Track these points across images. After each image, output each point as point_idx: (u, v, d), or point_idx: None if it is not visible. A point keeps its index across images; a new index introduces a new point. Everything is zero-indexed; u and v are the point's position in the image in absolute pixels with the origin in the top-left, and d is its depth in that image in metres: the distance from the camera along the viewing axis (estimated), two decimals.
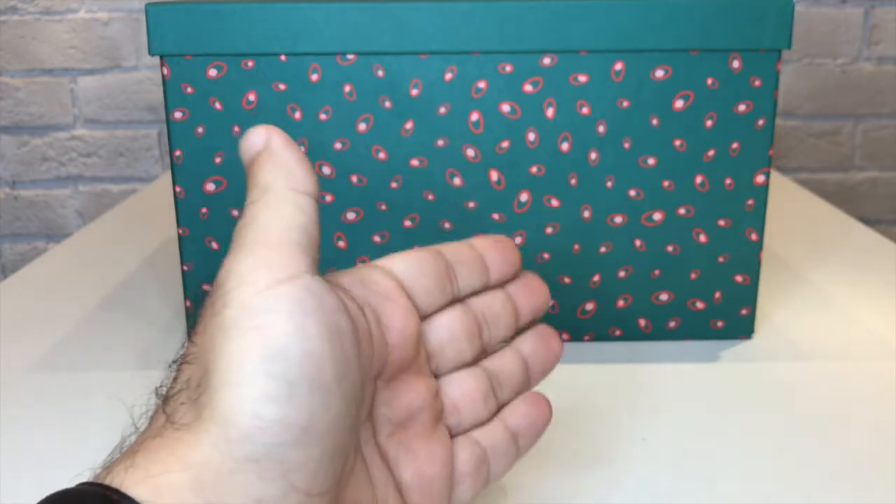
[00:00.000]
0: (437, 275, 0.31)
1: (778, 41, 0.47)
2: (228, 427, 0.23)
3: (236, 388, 0.23)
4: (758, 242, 0.51)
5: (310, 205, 0.27)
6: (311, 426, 0.24)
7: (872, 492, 0.38)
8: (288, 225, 0.26)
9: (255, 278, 0.25)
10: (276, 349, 0.24)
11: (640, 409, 0.45)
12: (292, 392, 0.23)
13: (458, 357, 0.31)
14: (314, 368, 0.24)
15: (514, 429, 0.32)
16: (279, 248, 0.25)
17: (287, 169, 0.27)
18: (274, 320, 0.24)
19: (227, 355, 0.24)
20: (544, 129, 0.48)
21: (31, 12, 1.26)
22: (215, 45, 0.47)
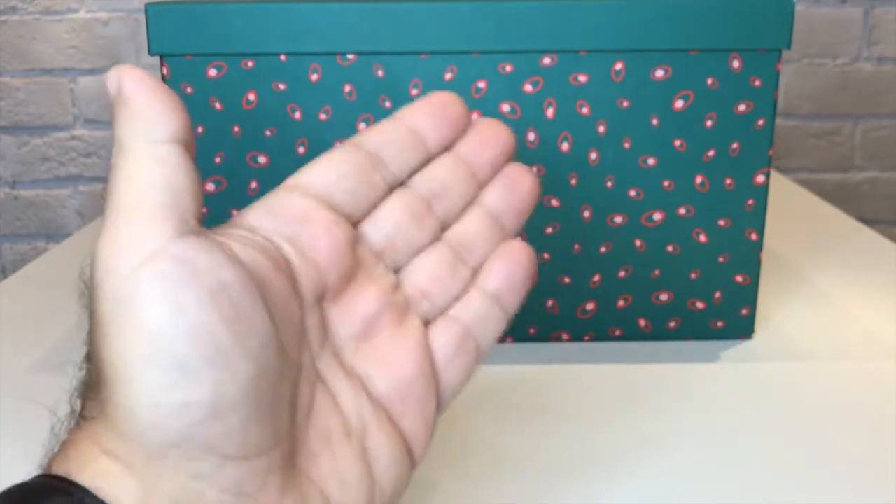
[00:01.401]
0: (359, 170, 0.28)
1: (778, 41, 0.47)
2: (132, 421, 0.22)
3: (127, 385, 0.22)
4: (758, 242, 0.51)
5: (171, 153, 0.24)
6: (217, 399, 0.22)
7: (872, 492, 0.38)
8: (144, 187, 0.23)
9: (117, 264, 0.23)
10: (155, 336, 0.22)
11: (640, 409, 0.45)
12: (185, 373, 0.22)
13: (412, 243, 0.29)
14: (203, 341, 0.22)
15: (493, 290, 0.30)
16: (137, 219, 0.23)
17: (141, 115, 0.24)
18: (144, 306, 0.22)
19: (109, 353, 0.23)
20: (544, 129, 0.48)
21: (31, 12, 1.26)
22: (215, 44, 0.47)
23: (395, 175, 0.29)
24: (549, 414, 0.44)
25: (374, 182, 0.29)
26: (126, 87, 0.24)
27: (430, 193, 0.29)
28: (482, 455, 0.40)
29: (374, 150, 0.29)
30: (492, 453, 0.41)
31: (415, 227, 0.29)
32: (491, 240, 0.30)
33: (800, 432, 0.42)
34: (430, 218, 0.30)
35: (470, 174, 0.30)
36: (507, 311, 0.30)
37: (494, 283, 0.30)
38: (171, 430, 0.22)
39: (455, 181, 0.30)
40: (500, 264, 0.30)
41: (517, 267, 0.30)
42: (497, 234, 0.30)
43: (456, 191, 0.30)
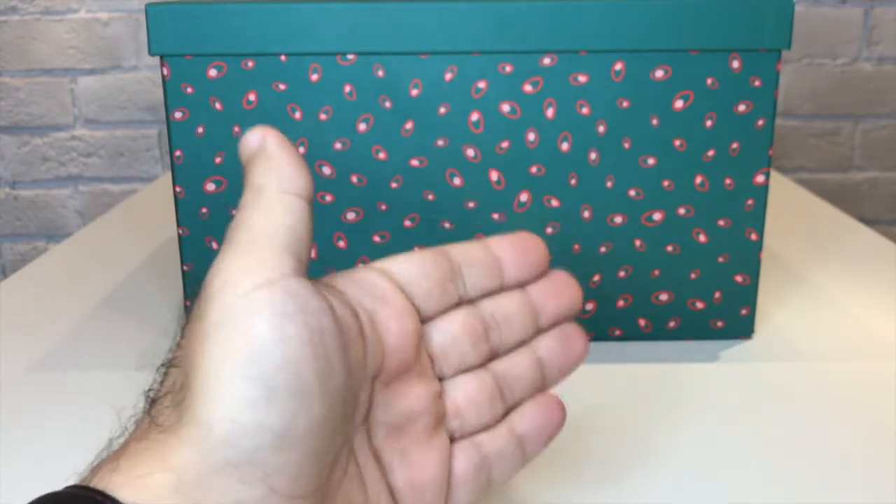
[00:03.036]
0: (440, 276, 0.30)
1: (778, 41, 0.47)
2: (207, 430, 0.23)
3: (214, 392, 0.23)
4: (757, 242, 0.51)
5: (300, 206, 0.27)
6: (289, 430, 0.24)
7: (872, 492, 0.38)
8: (275, 227, 0.26)
9: (237, 281, 0.25)
10: (255, 353, 0.24)
11: (640, 409, 0.45)
12: (270, 396, 0.23)
13: (461, 360, 0.31)
14: (293, 371, 0.24)
15: (521, 433, 0.31)
16: (264, 250, 0.25)
17: (279, 170, 0.27)
18: (253, 324, 0.24)
19: (206, 359, 0.24)
20: (544, 129, 0.48)
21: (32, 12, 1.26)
22: (215, 45, 0.47)
23: (467, 293, 0.31)
24: None
25: (449, 292, 0.30)
26: (270, 144, 0.27)
27: (492, 320, 0.31)
28: None
29: (458, 263, 0.31)
30: None
31: (469, 346, 0.31)
32: (532, 385, 0.32)
33: (800, 432, 0.42)
34: (485, 343, 0.31)
35: (532, 317, 0.32)
36: (527, 458, 0.32)
37: (525, 427, 0.31)
38: (239, 449, 0.23)
39: (517, 317, 0.31)
40: (534, 411, 0.31)
41: (550, 419, 0.32)
42: (538, 382, 0.32)
43: (515, 326, 0.31)
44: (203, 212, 0.50)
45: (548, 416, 0.32)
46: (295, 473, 0.24)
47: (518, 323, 0.31)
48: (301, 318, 0.24)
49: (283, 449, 0.24)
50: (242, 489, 0.23)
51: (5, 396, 0.46)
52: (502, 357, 0.32)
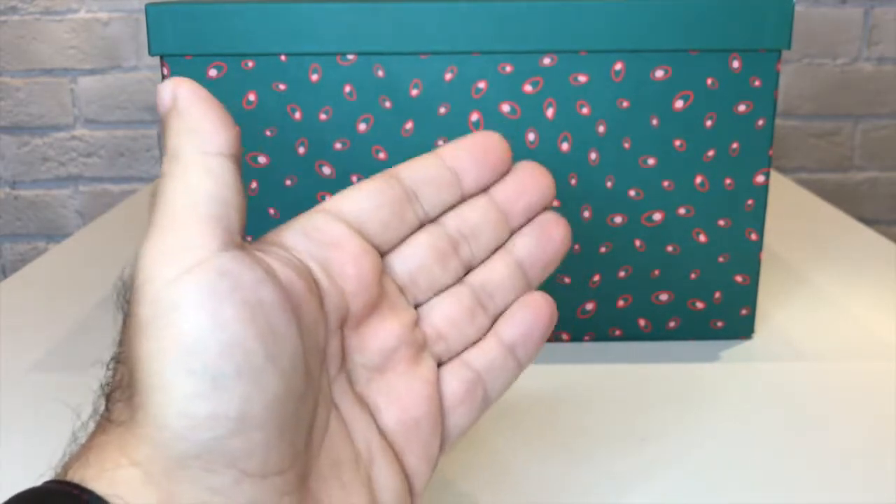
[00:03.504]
0: (393, 203, 0.28)
1: (778, 41, 0.47)
2: (160, 429, 0.23)
3: (159, 391, 0.23)
4: (757, 242, 0.51)
5: (221, 166, 0.24)
6: (245, 414, 0.23)
7: (872, 492, 0.38)
8: (195, 196, 0.24)
9: (161, 269, 0.23)
10: (192, 344, 0.22)
11: (640, 409, 0.45)
12: (217, 385, 0.22)
13: (433, 283, 0.29)
14: (237, 355, 0.23)
15: (510, 340, 0.30)
16: (186, 228, 0.23)
17: (194, 128, 0.24)
18: (185, 314, 0.22)
19: (145, 358, 0.23)
20: (544, 129, 0.48)
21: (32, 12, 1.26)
22: (215, 45, 0.47)
23: (427, 213, 0.29)
24: (549, 414, 0.44)
25: (407, 217, 0.29)
26: (182, 99, 0.24)
27: (458, 234, 0.30)
28: (481, 455, 0.40)
29: (411, 185, 0.29)
30: (490, 453, 0.41)
31: (438, 267, 0.29)
32: (513, 288, 0.30)
33: (800, 432, 0.42)
34: (455, 259, 0.30)
35: (502, 219, 0.30)
36: (521, 363, 0.30)
37: (512, 333, 0.30)
38: (197, 441, 0.22)
39: (486, 225, 0.30)
40: (520, 315, 0.30)
41: (537, 319, 0.30)
42: (521, 284, 0.30)
43: (485, 235, 0.30)
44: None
45: (534, 316, 0.30)
46: (263, 454, 0.23)
47: (487, 230, 0.30)
48: (236, 297, 0.23)
49: (243, 433, 0.23)
50: (211, 477, 0.23)
51: (5, 396, 0.46)
52: (478, 268, 0.30)
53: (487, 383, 0.30)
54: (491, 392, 0.30)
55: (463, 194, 0.30)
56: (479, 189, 0.30)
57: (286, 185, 0.49)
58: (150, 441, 0.23)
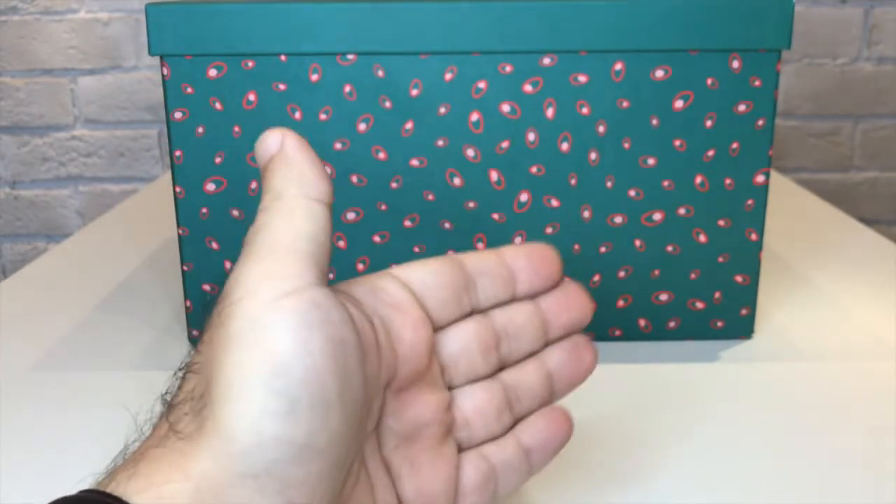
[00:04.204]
0: (455, 286, 0.30)
1: (778, 41, 0.47)
2: (228, 442, 0.23)
3: (237, 402, 0.23)
4: (757, 242, 0.51)
5: (322, 212, 0.26)
6: (310, 443, 0.24)
7: (872, 492, 0.38)
8: (297, 234, 0.26)
9: (260, 290, 0.24)
10: (279, 365, 0.23)
11: (640, 409, 0.45)
12: (293, 408, 0.23)
13: (471, 370, 0.31)
14: (316, 384, 0.24)
15: (528, 444, 0.31)
16: (287, 258, 0.25)
17: (300, 174, 0.27)
18: (278, 335, 0.24)
19: (229, 368, 0.24)
20: (544, 129, 0.48)
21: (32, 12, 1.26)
22: (215, 45, 0.47)
23: (480, 302, 0.31)
24: None
25: (463, 302, 0.30)
26: (289, 147, 0.27)
27: (503, 331, 0.31)
28: None
29: (473, 273, 0.31)
30: None
31: (480, 356, 0.30)
32: (540, 397, 0.32)
33: (799, 432, 0.42)
34: (495, 354, 0.31)
35: (542, 329, 0.32)
36: (533, 470, 0.32)
37: (531, 440, 0.31)
38: (259, 461, 0.23)
39: (528, 329, 0.31)
40: (542, 424, 0.31)
41: (557, 433, 0.31)
42: (546, 394, 0.32)
43: (525, 338, 0.31)
44: (203, 212, 0.50)
45: (555, 429, 0.32)
46: (314, 486, 0.24)
47: (528, 335, 0.31)
48: (324, 330, 0.24)
49: (304, 462, 0.24)
50: (261, 500, 0.23)
51: (5, 396, 0.46)
52: (511, 368, 0.31)
53: (500, 479, 0.31)
54: (501, 489, 0.31)
55: (514, 295, 0.31)
56: (529, 294, 0.32)
57: None
58: (213, 454, 0.23)
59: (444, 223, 0.50)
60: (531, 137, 0.49)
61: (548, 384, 0.32)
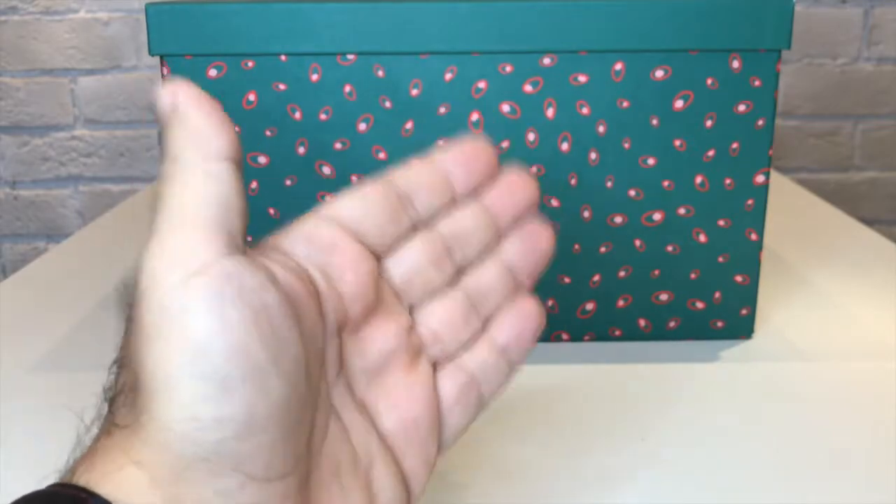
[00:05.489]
0: (389, 207, 0.29)
1: (778, 41, 0.47)
2: (166, 431, 0.23)
3: (166, 394, 0.23)
4: (757, 242, 0.51)
5: (224, 171, 0.24)
6: (251, 415, 0.23)
7: (872, 492, 0.38)
8: (198, 202, 0.24)
9: (166, 275, 0.23)
10: (199, 349, 0.23)
11: (640, 409, 0.45)
12: (224, 387, 0.23)
13: (428, 285, 0.30)
14: (242, 357, 0.23)
15: (502, 342, 0.30)
16: (189, 232, 0.24)
17: (196, 133, 0.24)
18: (192, 318, 0.23)
19: (151, 361, 0.23)
20: (544, 129, 0.48)
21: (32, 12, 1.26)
22: (215, 45, 0.47)
23: (420, 216, 0.30)
24: (549, 414, 0.44)
25: (401, 220, 0.29)
26: (182, 103, 0.24)
27: (451, 238, 0.30)
28: (480, 454, 0.41)
29: (405, 189, 0.29)
30: (491, 453, 0.41)
31: (433, 270, 0.30)
32: (504, 291, 0.31)
33: (799, 432, 0.42)
34: (448, 262, 0.30)
35: (492, 224, 0.30)
36: (514, 366, 0.31)
37: (504, 337, 0.30)
38: (204, 444, 0.23)
39: (477, 229, 0.30)
40: (511, 319, 0.30)
41: (528, 323, 0.31)
42: (510, 287, 0.31)
43: (476, 238, 0.30)
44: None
45: (525, 321, 0.31)
46: (268, 457, 0.23)
47: (478, 234, 0.30)
48: (240, 301, 0.23)
49: (249, 436, 0.23)
50: (217, 480, 0.23)
51: (5, 396, 0.46)
52: (469, 271, 0.31)
53: (482, 385, 0.30)
54: (485, 394, 0.30)
55: (454, 199, 0.30)
56: (469, 194, 0.30)
57: (286, 186, 0.49)
58: (155, 444, 0.23)
59: None
60: (531, 137, 0.49)
61: (509, 277, 0.31)
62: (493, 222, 0.30)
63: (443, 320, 0.30)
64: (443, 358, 0.30)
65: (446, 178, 0.30)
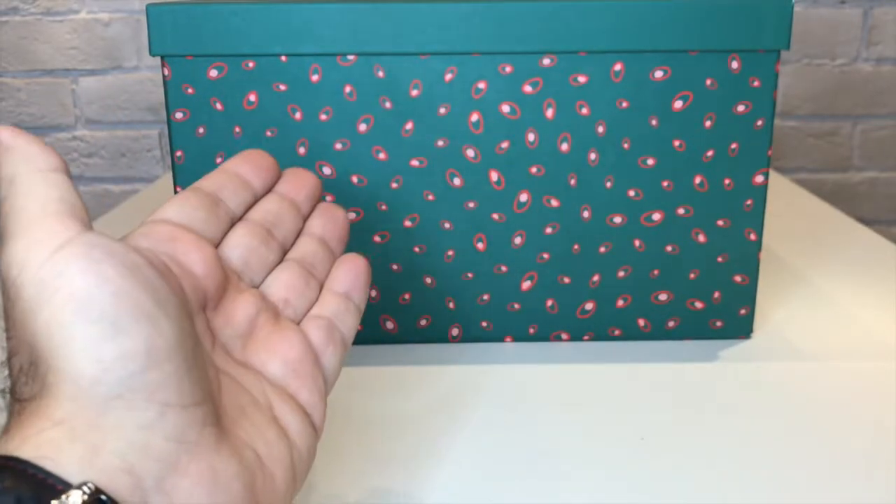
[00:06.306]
0: (206, 205, 0.32)
1: (777, 42, 0.47)
2: (76, 380, 0.24)
3: (66, 346, 0.24)
4: (756, 242, 0.51)
5: (59, 178, 0.27)
6: (152, 347, 0.25)
7: (872, 492, 0.38)
8: (44, 200, 0.26)
9: (33, 256, 0.25)
10: (85, 299, 0.24)
11: (639, 408, 0.45)
12: (118, 327, 0.24)
13: (264, 262, 0.33)
14: (128, 301, 0.25)
15: (344, 290, 0.35)
16: (44, 222, 0.25)
17: (25, 155, 0.27)
18: (71, 277, 0.24)
19: (43, 328, 0.24)
20: (544, 129, 0.49)
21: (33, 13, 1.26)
22: (216, 45, 0.47)
23: (233, 211, 0.34)
24: (549, 414, 0.44)
25: (220, 215, 0.33)
26: (5, 138, 0.27)
27: (267, 222, 0.34)
28: (481, 454, 0.41)
29: (213, 190, 0.33)
30: (491, 453, 0.41)
31: (264, 248, 0.34)
32: (326, 259, 0.36)
33: (799, 432, 0.43)
34: (274, 240, 0.34)
35: (294, 207, 0.36)
36: (359, 306, 0.35)
37: (343, 284, 0.35)
38: (114, 381, 0.24)
39: (284, 211, 0.35)
40: (343, 269, 0.35)
41: (358, 270, 0.35)
42: (328, 255, 0.36)
43: (287, 218, 0.35)
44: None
45: (355, 268, 0.35)
46: (178, 383, 0.25)
47: (287, 215, 0.35)
48: (112, 260, 0.25)
49: (155, 366, 0.25)
50: (136, 415, 0.24)
51: None
52: (292, 248, 0.35)
53: (341, 327, 0.34)
54: (346, 334, 0.34)
55: (255, 194, 0.35)
56: (265, 189, 0.35)
57: None
58: (68, 396, 0.24)
59: (444, 223, 0.50)
60: (531, 138, 0.49)
61: (324, 246, 0.36)
62: (293, 205, 0.36)
63: (288, 285, 0.33)
64: (298, 317, 0.34)
65: (242, 178, 0.34)
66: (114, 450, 0.24)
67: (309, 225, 0.36)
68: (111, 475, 0.23)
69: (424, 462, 0.40)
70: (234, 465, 0.27)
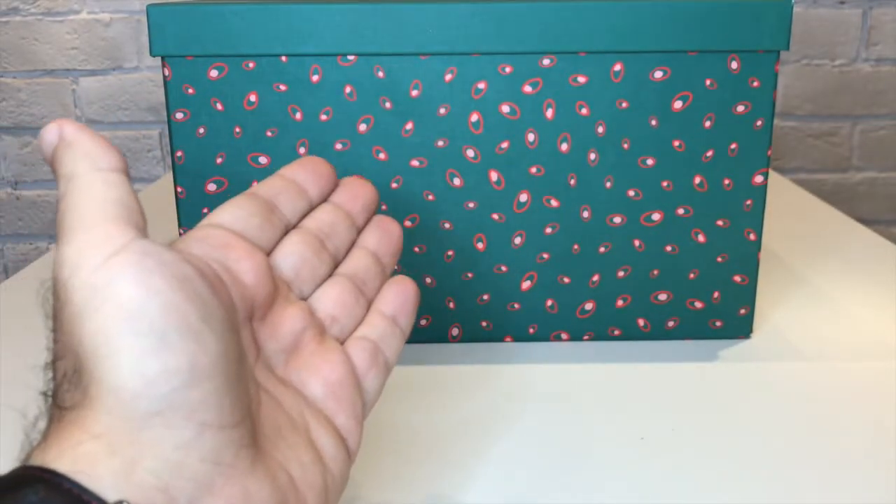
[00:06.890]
0: (261, 211, 0.32)
1: (776, 42, 0.47)
2: (118, 392, 0.24)
3: (111, 357, 0.24)
4: (756, 242, 0.51)
5: (119, 179, 0.27)
6: (194, 366, 0.24)
7: (872, 492, 0.38)
8: (103, 202, 0.26)
9: (86, 260, 0.25)
10: (134, 311, 0.24)
11: (639, 408, 0.45)
12: (164, 342, 0.24)
13: (315, 273, 0.33)
14: (176, 315, 0.24)
15: (391, 313, 0.34)
16: (101, 225, 0.25)
17: (86, 152, 0.27)
18: (120, 289, 0.24)
19: (90, 336, 0.24)
20: (544, 129, 0.49)
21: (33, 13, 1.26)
22: (216, 46, 0.47)
23: (288, 218, 0.33)
24: (549, 413, 0.44)
25: (274, 223, 0.33)
26: (68, 133, 0.27)
27: (321, 232, 0.34)
28: (481, 454, 0.41)
29: (269, 197, 0.33)
30: (491, 452, 0.41)
31: (316, 259, 0.33)
32: (377, 275, 0.35)
33: (798, 432, 0.43)
34: (326, 252, 0.34)
35: (349, 218, 0.35)
36: (404, 331, 0.34)
37: (391, 307, 0.34)
38: (156, 396, 0.24)
39: (339, 223, 0.35)
40: (392, 292, 0.35)
41: (408, 293, 0.35)
42: (380, 271, 0.35)
43: (341, 230, 0.35)
44: (204, 212, 0.50)
45: (405, 292, 0.35)
46: (218, 403, 0.25)
47: (341, 226, 0.35)
48: (163, 271, 0.25)
49: (197, 384, 0.24)
50: (174, 433, 0.24)
51: (5, 396, 0.46)
52: (343, 260, 0.35)
53: (385, 351, 0.33)
54: (389, 357, 0.34)
55: (311, 202, 0.34)
56: (321, 198, 0.35)
57: None
58: (108, 409, 0.24)
59: (444, 223, 0.50)
60: (531, 138, 0.49)
61: (377, 261, 0.35)
62: (348, 216, 0.35)
63: (336, 302, 0.33)
64: (343, 336, 0.33)
65: (300, 186, 0.34)
66: (149, 467, 0.24)
67: (363, 238, 0.35)
68: (146, 493, 0.23)
69: (424, 462, 0.40)
70: (266, 487, 0.26)
